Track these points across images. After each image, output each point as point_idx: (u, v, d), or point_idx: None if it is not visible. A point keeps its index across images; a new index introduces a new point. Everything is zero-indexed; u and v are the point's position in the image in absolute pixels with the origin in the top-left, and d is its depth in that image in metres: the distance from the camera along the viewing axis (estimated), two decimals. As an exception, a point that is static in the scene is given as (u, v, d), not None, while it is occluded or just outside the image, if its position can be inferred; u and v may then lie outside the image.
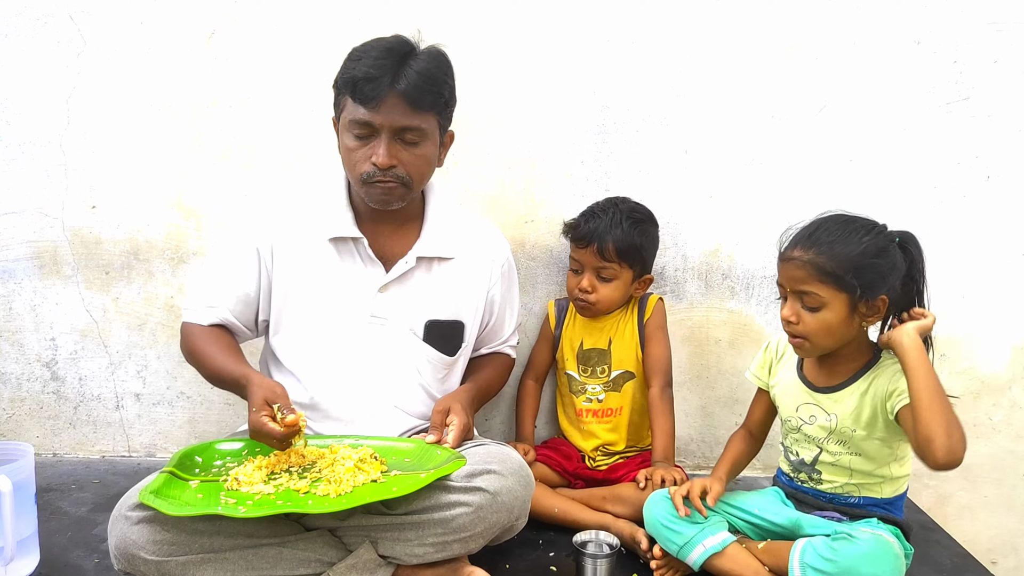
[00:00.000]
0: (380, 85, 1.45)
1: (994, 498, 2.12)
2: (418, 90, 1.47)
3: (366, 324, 1.62)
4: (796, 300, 1.48)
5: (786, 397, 1.62)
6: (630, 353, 1.90)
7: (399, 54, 1.48)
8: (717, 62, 1.93)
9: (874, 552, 1.34)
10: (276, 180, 1.95)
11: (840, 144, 1.96)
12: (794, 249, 1.48)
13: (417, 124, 1.50)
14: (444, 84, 1.53)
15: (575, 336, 1.94)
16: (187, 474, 1.44)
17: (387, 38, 1.53)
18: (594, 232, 1.79)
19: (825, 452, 1.55)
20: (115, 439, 2.10)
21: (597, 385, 1.91)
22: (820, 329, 1.46)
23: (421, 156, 1.54)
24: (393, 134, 1.49)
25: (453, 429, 1.54)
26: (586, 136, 1.96)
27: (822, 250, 1.44)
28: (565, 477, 1.88)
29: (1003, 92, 1.93)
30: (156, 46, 1.90)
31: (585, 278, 1.83)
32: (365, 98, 1.46)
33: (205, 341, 1.60)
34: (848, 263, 1.42)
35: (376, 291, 1.62)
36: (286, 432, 1.39)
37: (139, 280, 2.01)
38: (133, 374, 2.06)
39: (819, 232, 1.47)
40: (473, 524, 1.39)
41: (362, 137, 1.51)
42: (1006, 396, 2.07)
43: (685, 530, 1.52)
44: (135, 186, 1.96)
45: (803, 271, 1.45)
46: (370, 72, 1.45)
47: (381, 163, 1.49)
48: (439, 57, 1.53)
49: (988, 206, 1.98)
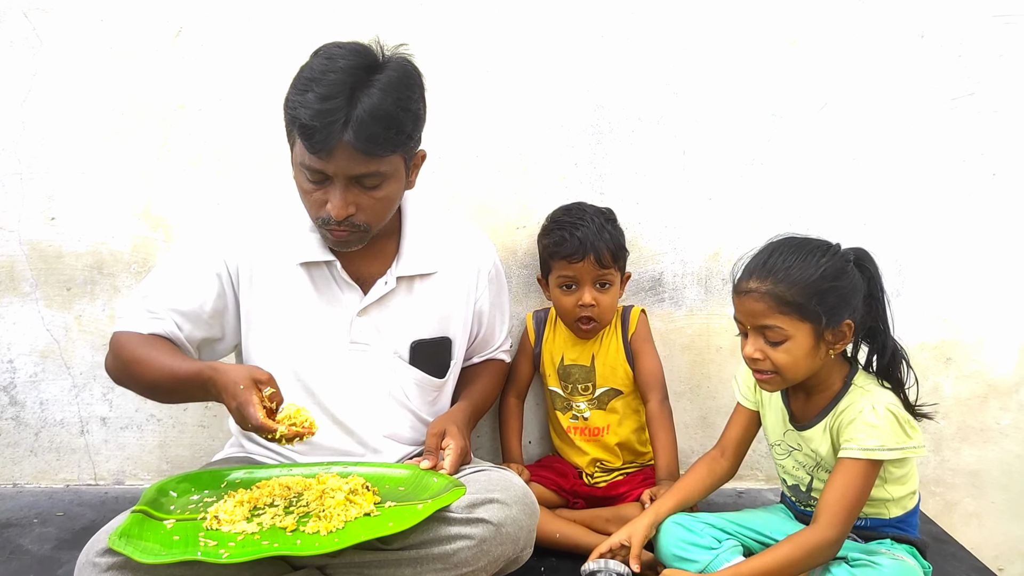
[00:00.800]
0: (328, 135, 1.25)
1: (1002, 504, 2.07)
2: (371, 139, 1.26)
3: (346, 351, 1.49)
4: (758, 336, 1.36)
5: (772, 423, 1.54)
6: (616, 370, 1.81)
7: (349, 88, 1.26)
8: (715, 58, 1.84)
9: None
10: (250, 187, 1.83)
11: (843, 142, 1.89)
12: (749, 280, 1.36)
13: (374, 170, 1.31)
14: (405, 119, 1.31)
15: (555, 350, 1.84)
16: (161, 512, 1.31)
17: (339, 59, 1.28)
18: (587, 242, 1.67)
19: (816, 480, 1.47)
20: (80, 466, 1.96)
21: (581, 402, 1.82)
22: (787, 364, 1.35)
23: (383, 199, 1.37)
24: (349, 181, 1.32)
25: (450, 454, 1.43)
26: (579, 137, 1.87)
27: (779, 278, 1.33)
28: (563, 496, 1.78)
29: (1009, 87, 1.87)
30: (118, 45, 1.77)
31: (586, 292, 1.71)
32: (313, 148, 1.27)
33: (147, 347, 1.38)
34: (809, 289, 1.31)
35: (355, 315, 1.49)
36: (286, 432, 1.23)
37: (104, 296, 1.88)
38: (99, 397, 1.93)
39: (773, 259, 1.35)
40: (476, 558, 1.29)
41: (315, 182, 1.33)
42: (1014, 399, 2.01)
43: (699, 557, 1.43)
44: (98, 196, 1.83)
45: (762, 303, 1.33)
46: (314, 122, 1.24)
47: (336, 215, 1.32)
48: (399, 83, 1.31)
49: (994, 204, 1.93)
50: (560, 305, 1.77)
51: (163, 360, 1.36)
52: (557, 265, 1.73)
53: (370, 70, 1.30)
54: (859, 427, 1.35)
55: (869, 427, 1.34)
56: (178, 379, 1.34)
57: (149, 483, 1.95)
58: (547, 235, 1.75)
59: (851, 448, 1.35)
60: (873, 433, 1.34)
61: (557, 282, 1.75)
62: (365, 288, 1.49)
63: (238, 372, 1.27)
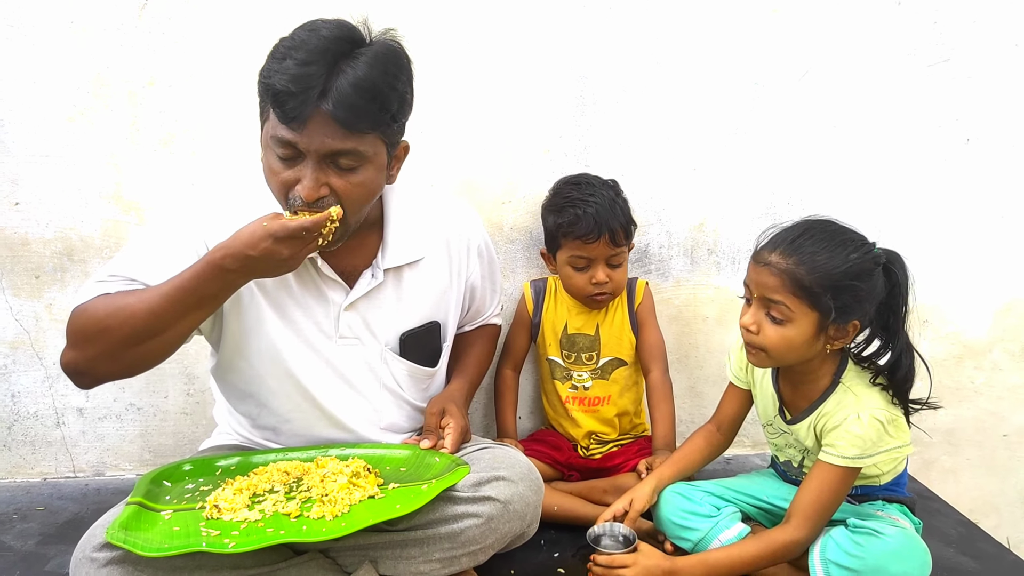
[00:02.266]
0: (304, 102, 1.15)
1: (976, 460, 2.14)
2: (352, 109, 1.17)
3: (335, 347, 1.43)
4: (761, 308, 1.34)
5: (763, 406, 1.55)
6: (621, 340, 1.81)
7: (332, 56, 1.17)
8: (698, 27, 1.83)
9: (903, 549, 1.30)
10: (226, 167, 1.77)
11: (823, 110, 1.90)
12: (772, 252, 1.33)
13: (352, 147, 1.21)
14: (390, 96, 1.22)
15: (557, 319, 1.83)
16: (157, 503, 1.28)
17: (322, 30, 1.20)
18: (601, 222, 1.65)
19: (808, 459, 1.48)
20: (57, 459, 1.90)
21: (583, 372, 1.82)
22: (780, 344, 1.33)
23: (359, 185, 1.25)
24: (322, 158, 1.21)
25: (450, 433, 1.41)
26: (563, 109, 1.84)
27: (803, 260, 1.30)
28: (558, 469, 1.79)
29: (982, 53, 1.90)
30: (80, 20, 1.69)
31: (600, 271, 1.70)
32: (286, 116, 1.17)
33: (120, 297, 1.21)
34: (827, 281, 1.28)
35: (341, 310, 1.41)
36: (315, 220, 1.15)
37: (75, 283, 1.81)
38: (74, 387, 1.83)
39: (803, 240, 1.32)
40: (484, 536, 1.29)
41: (286, 159, 1.22)
42: (987, 359, 2.07)
43: (699, 525, 1.45)
44: (65, 179, 1.75)
45: (777, 279, 1.31)
46: (290, 86, 1.14)
47: (306, 195, 1.20)
48: (386, 58, 1.22)
49: (968, 169, 1.97)
50: (572, 283, 1.75)
51: (152, 290, 1.20)
52: (570, 244, 1.70)
53: (355, 43, 1.22)
54: (841, 435, 1.34)
55: (852, 436, 1.33)
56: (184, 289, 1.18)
57: (131, 474, 1.92)
58: (558, 212, 1.70)
59: (831, 454, 1.35)
60: (855, 443, 1.33)
61: (569, 261, 1.72)
62: (350, 282, 1.41)
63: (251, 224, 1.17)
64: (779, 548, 1.35)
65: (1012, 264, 2.02)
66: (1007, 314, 2.05)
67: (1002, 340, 2.06)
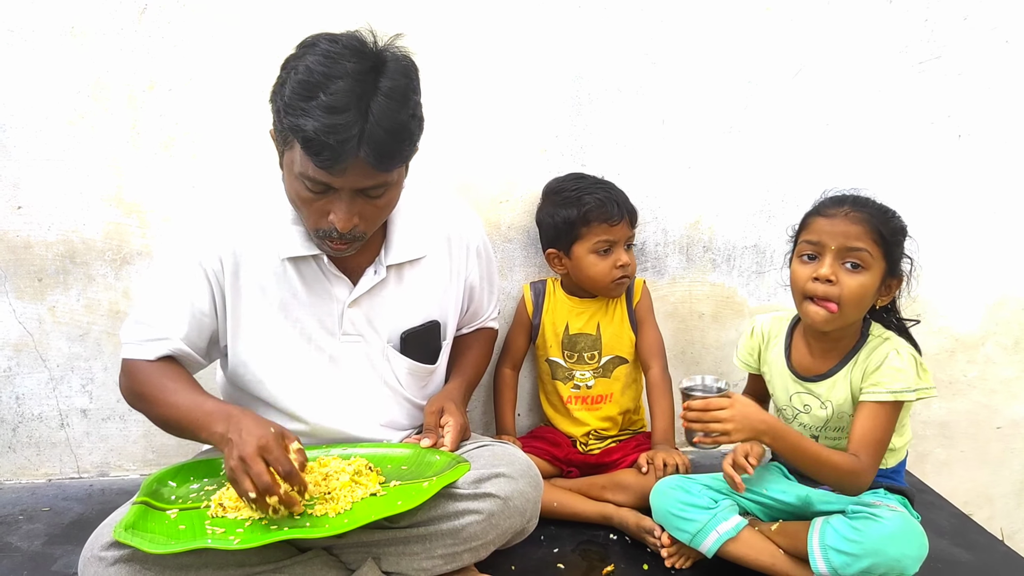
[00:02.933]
0: (341, 153, 1.17)
1: (970, 452, 2.17)
2: (388, 154, 1.21)
3: (339, 344, 1.46)
4: (837, 259, 1.38)
5: (779, 386, 1.57)
6: (622, 338, 1.83)
7: (357, 98, 1.17)
8: (692, 27, 1.85)
9: (900, 532, 1.32)
10: (227, 169, 1.79)
11: (817, 108, 1.92)
12: (843, 205, 1.40)
13: (383, 180, 1.27)
14: (414, 127, 1.26)
15: (558, 321, 1.86)
16: (163, 503, 1.30)
17: (344, 61, 1.19)
18: (623, 204, 1.75)
19: (823, 439, 1.51)
20: (62, 460, 1.92)
21: (586, 371, 1.84)
22: (858, 292, 1.37)
23: (384, 206, 1.33)
24: (355, 193, 1.26)
25: (450, 431, 1.43)
26: (560, 109, 1.86)
27: (875, 211, 1.39)
28: (557, 465, 1.81)
29: (973, 49, 1.92)
30: (80, 25, 1.70)
31: (624, 254, 1.76)
32: (322, 163, 1.19)
33: (157, 376, 1.37)
34: (895, 233, 1.40)
35: (345, 307, 1.44)
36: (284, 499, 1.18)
37: (77, 285, 1.83)
38: (77, 388, 1.88)
39: (863, 199, 1.41)
40: (485, 532, 1.31)
41: (316, 192, 1.26)
42: (980, 352, 2.10)
43: (697, 517, 1.47)
44: (66, 182, 1.76)
45: (859, 227, 1.37)
46: (326, 138, 1.16)
47: (342, 228, 1.27)
48: (406, 89, 1.23)
49: (960, 165, 1.99)
50: (596, 271, 1.76)
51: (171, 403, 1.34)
52: (596, 230, 1.74)
53: (374, 72, 1.21)
54: (886, 371, 1.40)
55: (896, 371, 1.40)
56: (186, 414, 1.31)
57: (135, 474, 1.94)
58: (575, 203, 1.74)
59: (878, 392, 1.40)
60: (900, 376, 1.39)
61: (594, 247, 1.75)
62: (354, 279, 1.45)
63: (261, 420, 1.25)
64: (849, 468, 1.37)
65: (1004, 259, 2.05)
66: (1000, 308, 2.08)
67: (995, 334, 2.09)
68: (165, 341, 1.39)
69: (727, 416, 1.32)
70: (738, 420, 1.32)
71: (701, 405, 1.35)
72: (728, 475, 1.44)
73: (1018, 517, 2.21)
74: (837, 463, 1.37)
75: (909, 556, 1.32)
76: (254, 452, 1.17)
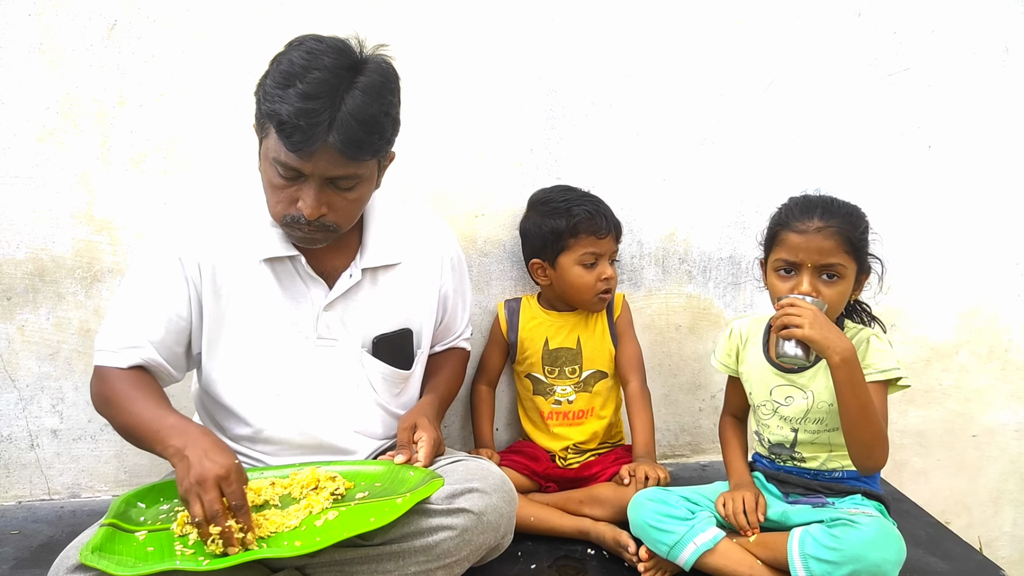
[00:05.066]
0: (311, 136, 1.22)
1: (946, 460, 2.18)
2: (355, 142, 1.24)
3: (313, 347, 1.47)
4: (815, 274, 1.42)
5: (758, 382, 1.58)
6: (602, 352, 1.83)
7: (333, 88, 1.22)
8: (664, 40, 1.87)
9: (879, 537, 1.32)
10: (200, 184, 1.77)
11: (789, 120, 1.94)
12: (814, 219, 1.42)
13: (352, 172, 1.30)
14: (386, 123, 1.30)
15: (537, 336, 1.85)
16: (131, 524, 1.28)
17: (323, 57, 1.24)
18: (610, 218, 1.76)
19: (803, 432, 1.52)
20: (32, 482, 1.88)
21: (567, 386, 1.84)
22: (837, 301, 1.44)
23: (355, 200, 1.35)
24: (324, 181, 1.29)
25: (423, 446, 1.42)
26: (534, 123, 1.87)
27: (844, 220, 1.42)
28: (535, 480, 1.80)
29: (941, 62, 1.95)
30: (48, 41, 1.69)
31: (608, 268, 1.77)
32: (293, 146, 1.23)
33: (126, 384, 1.36)
34: (862, 234, 1.43)
35: (321, 310, 1.46)
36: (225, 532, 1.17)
37: (47, 304, 1.80)
38: (48, 409, 1.85)
39: (829, 205, 1.44)
40: (458, 548, 1.30)
41: (288, 178, 1.30)
42: (955, 361, 2.11)
43: (675, 528, 1.46)
44: (35, 199, 1.74)
45: (832, 241, 1.41)
46: (297, 120, 1.20)
47: (309, 214, 1.30)
48: (382, 86, 1.28)
49: (931, 175, 2.01)
50: (581, 283, 1.76)
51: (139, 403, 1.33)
52: (584, 242, 1.74)
53: (353, 70, 1.26)
54: (871, 353, 1.44)
55: (879, 351, 1.44)
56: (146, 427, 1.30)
57: (107, 495, 1.90)
58: (565, 214, 1.74)
59: (870, 373, 1.42)
60: (886, 356, 1.44)
61: (580, 259, 1.75)
62: (330, 282, 1.46)
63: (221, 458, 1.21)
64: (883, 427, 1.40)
65: (976, 268, 2.07)
66: (973, 317, 2.10)
67: (968, 342, 2.11)
68: (138, 349, 1.38)
69: (807, 311, 1.36)
70: (816, 321, 1.35)
71: (791, 299, 1.39)
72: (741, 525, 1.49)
73: (995, 526, 2.22)
74: (880, 420, 1.39)
75: (889, 561, 1.32)
76: (213, 479, 1.16)
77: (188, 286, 1.41)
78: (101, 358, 1.40)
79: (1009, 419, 2.18)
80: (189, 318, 1.42)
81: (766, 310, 1.54)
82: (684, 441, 2.08)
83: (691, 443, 2.11)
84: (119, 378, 1.37)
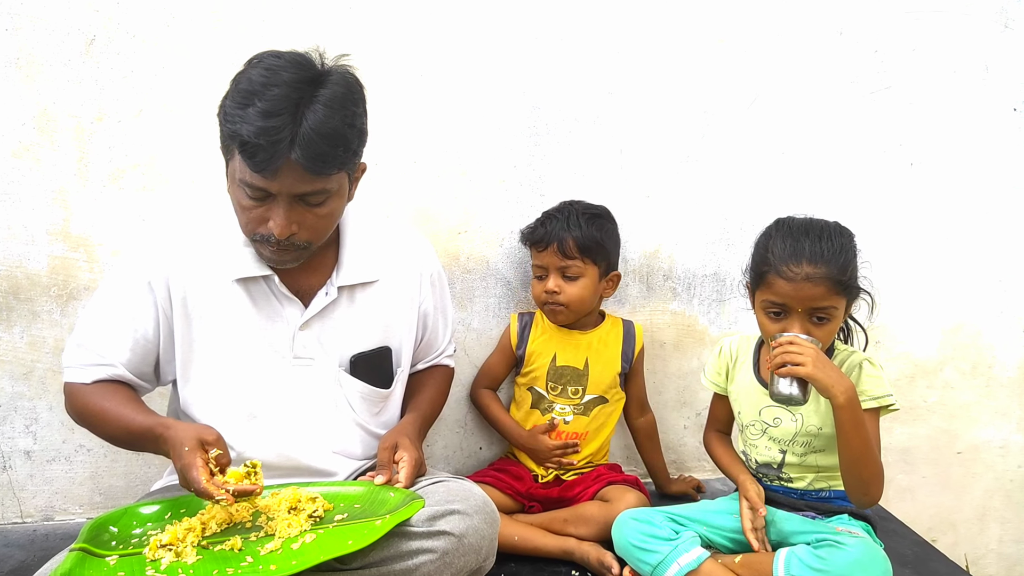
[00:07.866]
0: (274, 155, 1.20)
1: (932, 477, 2.17)
2: (319, 157, 1.22)
3: (290, 367, 1.44)
4: (806, 318, 1.40)
5: (747, 402, 1.57)
6: (608, 376, 1.83)
7: (293, 104, 1.20)
8: (648, 58, 1.87)
9: (865, 558, 1.31)
10: (177, 201, 1.75)
11: (772, 137, 1.95)
12: (801, 266, 1.38)
13: (320, 187, 1.27)
14: (351, 135, 1.27)
15: (546, 350, 1.84)
16: (102, 549, 1.24)
17: (282, 72, 1.22)
18: (552, 232, 1.74)
19: (791, 454, 1.51)
20: (4, 504, 1.84)
21: (567, 406, 1.82)
22: (829, 338, 1.44)
23: (326, 216, 1.33)
24: (292, 199, 1.27)
25: (404, 466, 1.39)
26: (517, 139, 1.86)
27: (830, 261, 1.38)
28: (519, 500, 1.78)
29: (922, 80, 1.97)
30: (25, 56, 1.66)
31: (550, 279, 1.76)
32: (256, 166, 1.21)
33: (99, 396, 1.37)
34: (849, 268, 1.40)
35: (297, 329, 1.43)
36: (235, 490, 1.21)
37: (21, 323, 1.76)
38: (21, 429, 1.81)
39: (816, 243, 1.39)
40: (439, 572, 1.27)
41: (256, 199, 1.28)
42: (939, 378, 2.11)
43: (658, 548, 1.45)
44: (10, 215, 1.71)
45: (822, 287, 1.37)
46: (258, 139, 1.18)
47: (279, 234, 1.28)
48: (344, 98, 1.26)
49: (913, 193, 2.02)
50: (533, 292, 1.83)
51: (118, 412, 1.35)
52: (532, 254, 1.82)
53: (313, 83, 1.24)
54: (864, 379, 1.43)
55: (874, 378, 1.43)
56: (132, 433, 1.34)
57: (81, 517, 1.86)
58: (531, 224, 1.82)
59: (864, 400, 1.40)
60: (879, 383, 1.43)
61: (533, 271, 1.82)
62: (305, 301, 1.44)
63: (185, 432, 1.26)
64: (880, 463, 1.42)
65: (959, 284, 2.08)
66: (956, 333, 2.10)
67: (953, 359, 2.11)
68: (106, 367, 1.39)
69: (809, 350, 1.34)
70: (818, 360, 1.33)
71: (790, 339, 1.38)
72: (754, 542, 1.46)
73: (981, 543, 2.22)
74: (879, 457, 1.39)
75: (874, 581, 1.30)
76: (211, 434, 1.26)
77: (156, 311, 1.40)
78: (69, 375, 1.40)
79: (994, 436, 2.18)
80: (157, 341, 1.42)
81: (752, 328, 1.53)
82: (669, 459, 2.06)
83: (675, 461, 2.10)
84: (89, 393, 1.38)
